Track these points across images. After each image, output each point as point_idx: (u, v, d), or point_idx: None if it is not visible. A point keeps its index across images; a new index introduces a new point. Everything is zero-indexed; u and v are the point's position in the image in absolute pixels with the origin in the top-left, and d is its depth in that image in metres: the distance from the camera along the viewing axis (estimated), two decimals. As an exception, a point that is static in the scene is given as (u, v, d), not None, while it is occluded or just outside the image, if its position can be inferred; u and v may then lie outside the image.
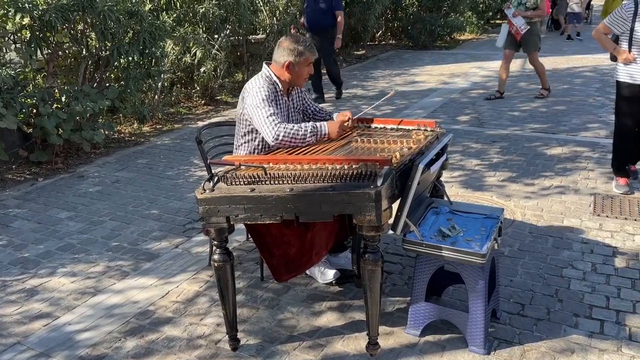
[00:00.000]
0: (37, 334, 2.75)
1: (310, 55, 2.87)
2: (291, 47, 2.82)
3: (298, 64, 2.84)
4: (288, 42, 2.84)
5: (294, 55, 2.82)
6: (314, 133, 2.76)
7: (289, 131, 2.72)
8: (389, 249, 3.47)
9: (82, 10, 5.11)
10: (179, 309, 2.93)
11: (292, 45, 2.82)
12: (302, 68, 2.86)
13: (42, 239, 3.77)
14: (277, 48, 2.87)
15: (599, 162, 4.82)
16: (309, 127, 2.76)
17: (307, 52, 2.85)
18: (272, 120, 2.73)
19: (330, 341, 2.62)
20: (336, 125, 2.82)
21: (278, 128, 2.71)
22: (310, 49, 2.87)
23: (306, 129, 2.75)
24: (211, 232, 2.36)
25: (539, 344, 2.55)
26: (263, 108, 2.76)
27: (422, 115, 6.62)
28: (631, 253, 3.31)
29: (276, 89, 2.89)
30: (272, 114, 2.74)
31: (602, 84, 8.02)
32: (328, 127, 2.81)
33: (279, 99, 2.91)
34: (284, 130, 2.71)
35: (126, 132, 6.36)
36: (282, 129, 2.71)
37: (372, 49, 12.38)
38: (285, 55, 2.83)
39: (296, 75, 2.88)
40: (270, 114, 2.74)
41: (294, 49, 2.82)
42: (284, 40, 2.87)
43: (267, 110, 2.75)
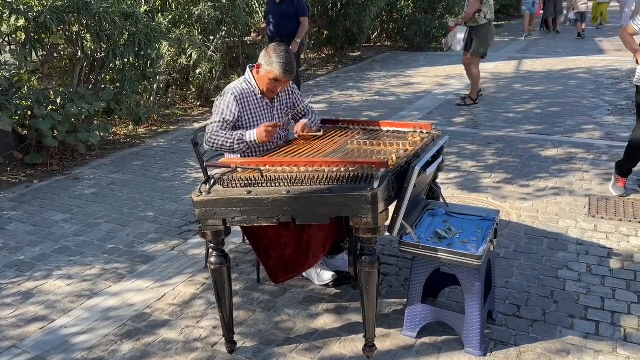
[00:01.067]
0: (32, 337, 2.74)
1: (278, 74, 2.79)
2: (269, 52, 2.83)
3: (264, 71, 2.84)
4: (271, 49, 2.85)
5: (265, 62, 2.83)
6: (242, 141, 2.82)
7: (219, 139, 2.83)
8: (386, 250, 3.47)
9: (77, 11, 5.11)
10: (175, 311, 2.92)
11: (270, 52, 2.83)
12: (265, 77, 2.85)
13: (38, 241, 3.76)
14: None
15: (594, 164, 4.85)
16: (237, 136, 2.82)
17: (276, 66, 2.78)
18: (213, 125, 2.86)
19: (327, 343, 2.62)
20: (262, 129, 2.79)
21: (211, 135, 2.84)
22: (282, 68, 2.78)
23: (234, 139, 2.82)
24: (208, 235, 2.35)
25: (534, 345, 2.56)
26: (215, 113, 2.88)
27: (418, 117, 6.63)
28: (626, 254, 3.33)
29: (254, 93, 2.92)
30: (219, 120, 2.85)
31: (596, 85, 8.06)
32: (256, 134, 2.80)
33: (257, 102, 2.94)
34: (215, 137, 2.83)
35: (121, 134, 6.35)
36: (215, 136, 2.83)
37: (368, 51, 12.41)
38: (262, 57, 2.87)
39: (259, 79, 2.90)
40: (216, 120, 2.86)
41: (268, 56, 2.82)
42: (271, 46, 2.89)
43: (215, 116, 2.87)
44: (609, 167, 4.76)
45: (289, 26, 6.57)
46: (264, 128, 2.79)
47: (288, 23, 6.57)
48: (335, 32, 10.85)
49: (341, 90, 8.38)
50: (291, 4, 6.57)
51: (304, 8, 6.66)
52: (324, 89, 8.54)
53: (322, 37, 11.16)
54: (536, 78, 8.75)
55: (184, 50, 7.17)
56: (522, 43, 12.92)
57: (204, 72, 7.26)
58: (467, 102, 7.12)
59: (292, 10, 6.57)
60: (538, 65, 9.88)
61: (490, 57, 10.73)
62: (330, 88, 8.57)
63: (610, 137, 5.62)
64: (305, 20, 6.64)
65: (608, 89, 7.82)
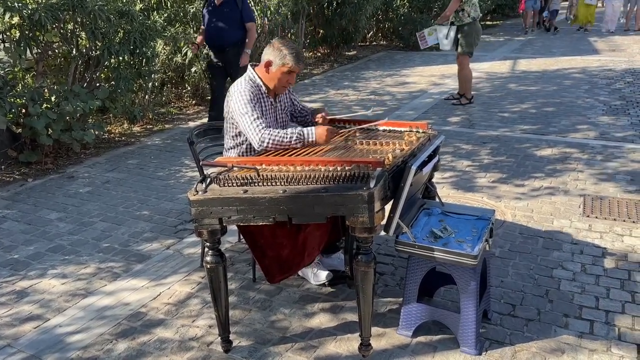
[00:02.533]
0: (27, 336, 2.73)
1: (292, 64, 2.78)
2: (277, 47, 2.81)
3: (276, 66, 2.81)
4: (277, 43, 2.83)
5: (276, 56, 2.80)
6: (300, 139, 2.74)
7: (274, 137, 2.71)
8: (381, 249, 3.48)
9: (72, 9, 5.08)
10: (170, 310, 2.92)
11: (279, 46, 2.81)
12: (278, 72, 2.82)
13: (32, 240, 3.74)
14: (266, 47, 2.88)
15: (589, 164, 4.87)
16: (296, 133, 2.74)
17: (289, 57, 2.78)
18: (257, 125, 2.74)
19: (323, 342, 2.62)
20: (324, 130, 2.76)
21: (263, 133, 2.72)
22: (295, 58, 2.78)
23: (292, 136, 2.73)
24: (204, 234, 2.35)
25: (529, 344, 2.57)
26: (247, 113, 2.76)
27: (413, 116, 6.64)
28: (620, 254, 3.35)
29: (260, 91, 2.89)
30: (257, 117, 2.75)
31: (591, 85, 8.10)
32: (315, 133, 2.75)
33: (264, 100, 2.91)
34: (269, 135, 2.71)
35: (116, 133, 6.32)
36: (268, 135, 2.71)
37: (363, 50, 12.41)
38: (269, 54, 2.83)
39: (271, 77, 2.85)
40: (254, 118, 2.75)
41: (279, 50, 2.79)
42: (275, 41, 2.87)
43: (251, 115, 2.76)
44: (604, 166, 4.79)
45: (232, 34, 5.60)
46: (327, 130, 2.75)
47: (231, 30, 5.59)
48: (330, 31, 10.84)
49: (337, 89, 8.38)
50: (235, 8, 5.58)
51: (250, 12, 5.74)
52: (320, 87, 8.54)
53: (318, 36, 11.15)
54: (531, 78, 8.78)
55: (179, 49, 7.15)
56: (517, 43, 12.96)
57: (199, 70, 7.24)
58: (462, 101, 7.14)
59: (235, 15, 5.58)
60: (533, 65, 9.91)
61: (485, 57, 10.79)
62: (325, 87, 8.57)
63: (604, 137, 5.65)
64: (252, 27, 5.73)
65: (602, 89, 7.86)
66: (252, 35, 5.75)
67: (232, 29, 5.59)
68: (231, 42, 5.63)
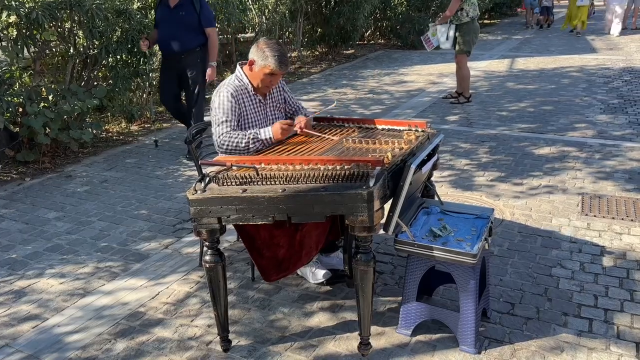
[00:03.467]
0: (25, 336, 2.72)
1: (274, 67, 2.77)
2: (261, 47, 2.81)
3: (258, 66, 2.82)
4: (262, 43, 2.84)
5: (259, 57, 2.81)
6: (257, 139, 2.77)
7: (232, 140, 2.76)
8: (380, 248, 3.48)
9: (69, 8, 5.06)
10: (169, 310, 2.91)
11: (262, 47, 2.81)
12: (260, 72, 2.83)
13: (30, 239, 3.73)
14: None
15: (587, 162, 4.87)
16: (251, 135, 2.77)
17: (271, 60, 2.77)
18: (221, 128, 2.79)
19: (322, 341, 2.62)
20: (278, 126, 2.78)
21: (223, 137, 2.77)
22: (277, 61, 2.77)
23: (248, 138, 2.76)
24: (202, 233, 2.35)
25: (529, 342, 2.57)
26: (218, 117, 2.82)
27: (412, 115, 6.64)
28: (618, 252, 3.35)
29: (246, 90, 2.90)
30: (224, 121, 2.79)
31: (588, 84, 8.11)
32: (272, 131, 2.78)
33: (251, 99, 2.92)
34: (228, 139, 2.76)
35: (114, 131, 6.31)
36: (227, 138, 2.77)
37: (362, 49, 12.40)
38: (253, 53, 2.85)
39: (253, 76, 2.87)
40: (222, 120, 2.80)
41: (262, 50, 2.80)
42: (261, 40, 2.87)
43: (220, 117, 2.81)
44: (602, 165, 4.79)
45: (189, 41, 4.95)
46: (280, 125, 2.77)
47: (188, 36, 4.94)
48: (328, 30, 10.84)
49: (335, 88, 8.38)
50: (192, 11, 4.91)
51: (209, 15, 5.03)
52: (318, 86, 8.54)
53: (316, 35, 11.14)
54: (529, 76, 8.78)
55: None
56: (515, 42, 12.98)
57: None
58: (461, 100, 7.14)
59: (193, 19, 4.92)
60: (531, 64, 9.92)
61: (483, 56, 10.79)
62: (323, 86, 8.57)
63: (602, 135, 5.65)
64: (213, 33, 5.05)
65: (600, 87, 7.87)
66: (214, 43, 5.07)
67: (188, 35, 4.93)
68: (187, 49, 4.97)
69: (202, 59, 5.07)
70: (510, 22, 17.67)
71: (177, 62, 5.06)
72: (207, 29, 5.00)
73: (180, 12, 4.90)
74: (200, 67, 5.09)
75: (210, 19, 5.03)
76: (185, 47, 4.97)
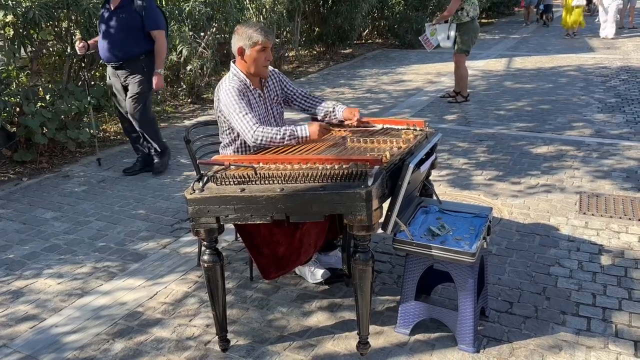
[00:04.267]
0: (23, 337, 2.71)
1: (262, 39, 2.75)
2: (242, 31, 2.79)
3: (249, 49, 2.79)
4: (240, 28, 2.81)
5: (244, 40, 2.78)
6: (293, 136, 2.73)
7: (267, 134, 2.70)
8: (378, 247, 3.48)
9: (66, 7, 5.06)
10: (167, 310, 2.91)
11: (243, 30, 2.79)
12: (254, 53, 2.79)
13: (27, 239, 3.72)
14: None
15: (584, 161, 4.88)
16: (288, 130, 2.72)
17: (257, 35, 2.75)
18: (247, 121, 2.72)
19: (321, 341, 2.62)
20: (316, 127, 2.75)
21: (256, 130, 2.70)
22: (262, 33, 2.76)
23: (285, 133, 2.71)
24: (201, 233, 2.34)
25: (527, 341, 2.57)
26: (237, 110, 2.75)
27: (410, 114, 6.64)
28: (616, 251, 3.35)
29: (246, 85, 2.88)
30: (247, 113, 2.74)
31: (586, 83, 8.12)
32: (309, 130, 2.74)
33: (252, 94, 2.90)
34: (262, 133, 2.70)
35: (111, 131, 6.29)
36: (261, 132, 2.70)
37: (359, 48, 12.40)
38: (237, 41, 2.82)
39: (249, 63, 2.83)
40: (244, 113, 2.74)
41: (244, 33, 2.78)
42: (237, 27, 2.84)
43: (240, 111, 2.74)
44: (599, 164, 4.80)
45: (130, 47, 4.33)
46: (320, 126, 2.74)
47: (129, 42, 4.33)
48: (326, 29, 10.83)
49: (332, 87, 8.38)
50: (132, 13, 4.27)
51: (155, 17, 4.37)
52: (316, 86, 8.53)
53: (314, 34, 11.13)
54: (526, 75, 8.79)
55: (175, 47, 7.13)
56: (512, 41, 12.99)
57: (194, 68, 7.23)
58: (458, 99, 7.14)
59: (135, 21, 4.29)
60: (528, 63, 9.93)
61: (481, 55, 10.80)
62: (321, 85, 8.57)
63: (600, 134, 5.66)
64: (160, 36, 4.39)
65: (597, 86, 7.88)
66: (161, 47, 4.41)
67: (131, 40, 4.32)
68: (129, 56, 4.36)
69: (148, 66, 4.43)
70: (508, 21, 17.70)
71: (121, 72, 4.49)
72: (153, 32, 4.36)
73: (121, 14, 4.29)
74: (146, 77, 4.46)
75: (156, 20, 4.37)
76: (126, 54, 4.35)
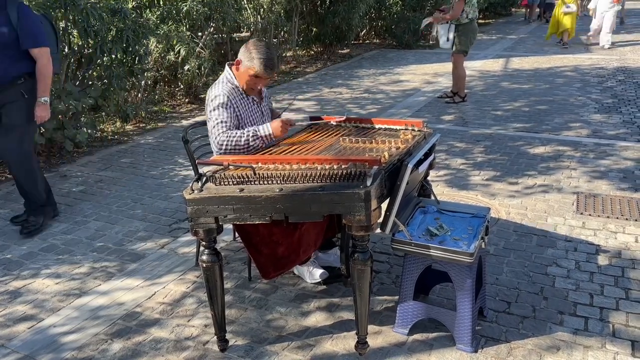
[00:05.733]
0: (21, 337, 2.71)
1: (258, 70, 2.75)
2: (249, 48, 2.80)
3: (244, 67, 2.81)
4: (251, 44, 2.82)
5: (245, 57, 2.80)
6: (256, 136, 2.74)
7: (231, 139, 2.73)
8: (376, 247, 3.48)
9: (64, 7, 5.04)
10: (165, 310, 2.90)
11: (250, 48, 2.80)
12: (245, 73, 2.81)
13: (25, 239, 3.70)
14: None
15: (581, 161, 4.90)
16: (251, 131, 2.74)
17: (256, 62, 2.74)
18: (218, 128, 2.76)
19: (319, 341, 2.62)
20: (278, 122, 2.76)
21: (221, 136, 2.74)
22: (262, 65, 2.74)
23: (248, 135, 2.73)
24: (200, 233, 2.34)
25: (525, 341, 2.58)
26: (213, 117, 2.79)
27: (407, 115, 6.65)
28: (614, 251, 3.37)
29: (238, 90, 2.89)
30: (220, 121, 2.76)
31: (582, 83, 8.14)
32: (271, 127, 2.76)
33: (244, 99, 2.91)
34: (226, 138, 2.73)
35: (109, 131, 6.28)
36: (225, 137, 2.73)
37: (357, 48, 12.41)
38: (241, 53, 2.84)
39: (239, 76, 2.86)
40: (219, 121, 2.77)
41: (249, 52, 2.79)
42: (251, 41, 2.86)
43: (215, 119, 2.78)
44: (596, 164, 4.81)
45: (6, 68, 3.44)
46: (280, 122, 2.76)
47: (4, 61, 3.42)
48: (324, 30, 10.83)
49: (330, 87, 8.38)
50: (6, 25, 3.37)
51: (34, 31, 3.46)
52: (313, 86, 8.53)
53: (311, 34, 11.14)
54: (524, 76, 8.82)
55: (172, 47, 7.11)
56: (509, 41, 13.02)
57: (192, 68, 7.21)
58: (456, 99, 7.16)
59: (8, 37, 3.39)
60: (525, 64, 9.95)
61: (478, 55, 10.82)
62: (319, 85, 8.57)
63: (597, 134, 5.68)
64: (43, 55, 3.48)
65: (594, 87, 7.90)
66: (43, 69, 3.49)
67: (7, 59, 3.43)
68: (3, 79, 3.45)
69: (29, 92, 3.53)
70: (505, 21, 17.73)
71: None
72: (32, 51, 3.46)
73: None
74: (24, 105, 3.55)
75: (35, 35, 3.45)
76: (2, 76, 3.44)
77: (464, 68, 7.08)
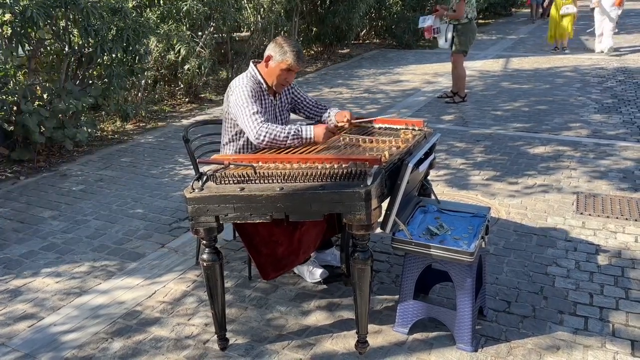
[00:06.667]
0: (21, 335, 2.71)
1: (292, 62, 2.77)
2: (280, 43, 2.81)
3: (275, 62, 2.81)
4: (281, 39, 2.84)
5: (277, 52, 2.80)
6: (297, 136, 2.71)
7: (271, 131, 2.68)
8: (376, 247, 3.48)
9: (64, 6, 5.03)
10: (166, 309, 2.91)
11: (281, 43, 2.81)
12: (277, 68, 2.81)
13: (25, 238, 3.71)
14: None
15: (581, 161, 4.90)
16: (293, 129, 2.71)
17: (289, 54, 2.77)
18: (255, 119, 2.71)
19: (320, 340, 2.62)
20: (322, 129, 2.74)
21: (261, 127, 2.69)
22: (295, 56, 2.77)
23: (289, 132, 2.70)
24: (200, 232, 2.34)
25: (525, 341, 2.58)
26: (247, 106, 2.74)
27: (407, 115, 6.65)
28: (613, 250, 3.37)
29: (261, 88, 2.88)
30: (256, 112, 2.73)
31: (582, 83, 8.14)
32: (314, 132, 2.74)
33: (264, 98, 2.90)
34: (266, 130, 2.68)
35: (109, 130, 6.29)
36: (265, 129, 2.68)
37: (357, 48, 12.41)
38: (270, 49, 2.84)
39: (269, 72, 2.85)
40: (253, 112, 2.73)
41: (280, 46, 2.80)
42: (279, 37, 2.87)
43: (250, 109, 2.73)
44: (596, 164, 4.82)
45: None
46: (325, 129, 2.74)
47: None
48: (324, 29, 10.83)
49: (330, 87, 8.38)
50: None
51: None
52: (313, 85, 8.54)
53: (311, 34, 11.14)
54: (523, 76, 8.82)
55: (172, 46, 7.11)
56: (509, 41, 13.02)
57: (192, 68, 7.21)
58: (456, 99, 7.16)
59: None
60: (525, 64, 9.96)
61: (478, 55, 10.82)
62: (319, 85, 8.57)
63: (596, 135, 5.68)
64: None
65: (594, 87, 7.90)
66: None
67: None
68: None
69: None
70: (505, 21, 17.73)
71: None
72: None
73: None
74: None
75: None
76: None
77: (464, 68, 7.09)
